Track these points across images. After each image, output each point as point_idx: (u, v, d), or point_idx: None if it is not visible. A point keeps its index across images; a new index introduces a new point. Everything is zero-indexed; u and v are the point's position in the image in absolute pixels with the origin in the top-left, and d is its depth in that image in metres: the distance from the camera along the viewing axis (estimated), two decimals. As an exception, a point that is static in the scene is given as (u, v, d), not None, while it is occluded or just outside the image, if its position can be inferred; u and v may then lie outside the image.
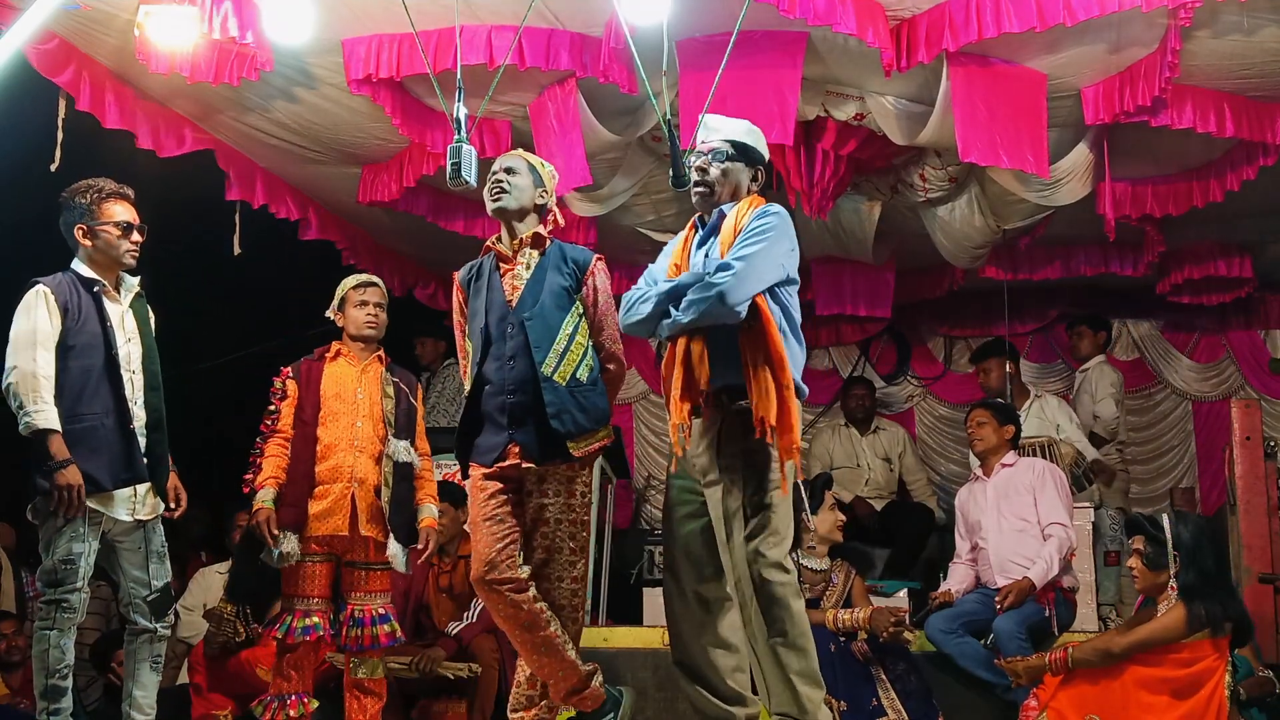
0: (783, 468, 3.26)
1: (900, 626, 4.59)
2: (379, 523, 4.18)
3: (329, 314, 4.42)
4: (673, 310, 3.35)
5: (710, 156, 3.55)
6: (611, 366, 3.68)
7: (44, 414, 3.68)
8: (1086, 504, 5.77)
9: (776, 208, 3.45)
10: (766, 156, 3.64)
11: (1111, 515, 6.23)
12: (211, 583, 6.03)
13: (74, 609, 3.74)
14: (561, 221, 3.84)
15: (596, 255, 3.69)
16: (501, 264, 3.65)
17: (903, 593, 5.62)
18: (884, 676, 4.54)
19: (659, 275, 3.54)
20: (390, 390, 4.31)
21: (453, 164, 3.59)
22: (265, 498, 4.09)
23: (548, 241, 3.67)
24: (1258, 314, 7.65)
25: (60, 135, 4.67)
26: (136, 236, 4.02)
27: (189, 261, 5.44)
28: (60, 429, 3.68)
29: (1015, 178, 5.31)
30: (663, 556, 3.64)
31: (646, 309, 3.40)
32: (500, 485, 3.51)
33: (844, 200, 6.18)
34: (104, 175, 4.08)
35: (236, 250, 5.71)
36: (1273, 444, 4.97)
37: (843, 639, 4.65)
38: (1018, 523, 5.08)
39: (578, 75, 4.79)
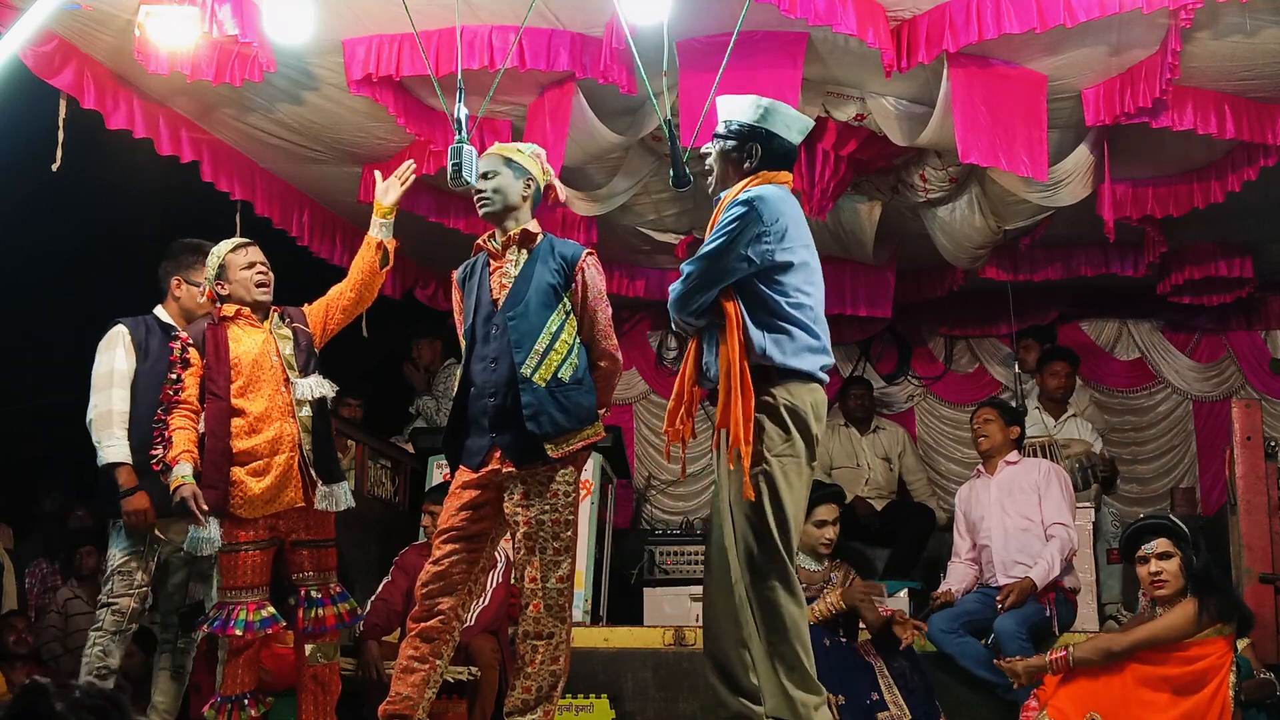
0: (747, 470, 3.21)
1: (872, 592, 4.59)
2: None
3: (203, 290, 4.08)
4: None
5: (712, 140, 3.56)
6: (603, 363, 3.60)
7: (115, 448, 4.08)
8: (1087, 504, 5.77)
9: (754, 192, 3.33)
10: (767, 129, 3.43)
11: (1113, 514, 6.24)
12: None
13: (122, 613, 4.08)
14: (564, 196, 3.77)
15: (588, 250, 3.60)
16: (492, 262, 3.63)
17: (903, 593, 5.63)
18: (886, 671, 4.54)
19: None
20: (286, 332, 4.01)
21: (453, 164, 3.59)
22: (184, 473, 3.74)
23: (539, 237, 3.61)
24: (1258, 314, 7.66)
25: (61, 135, 4.67)
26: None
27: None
28: (130, 461, 4.07)
29: (1016, 179, 5.31)
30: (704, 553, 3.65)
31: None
32: (476, 494, 3.51)
33: (844, 200, 6.18)
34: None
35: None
36: (1273, 444, 4.96)
37: (843, 638, 4.65)
38: (1022, 521, 5.08)
39: (577, 76, 4.79)
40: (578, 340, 3.53)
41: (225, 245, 4.04)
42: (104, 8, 4.44)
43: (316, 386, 3.97)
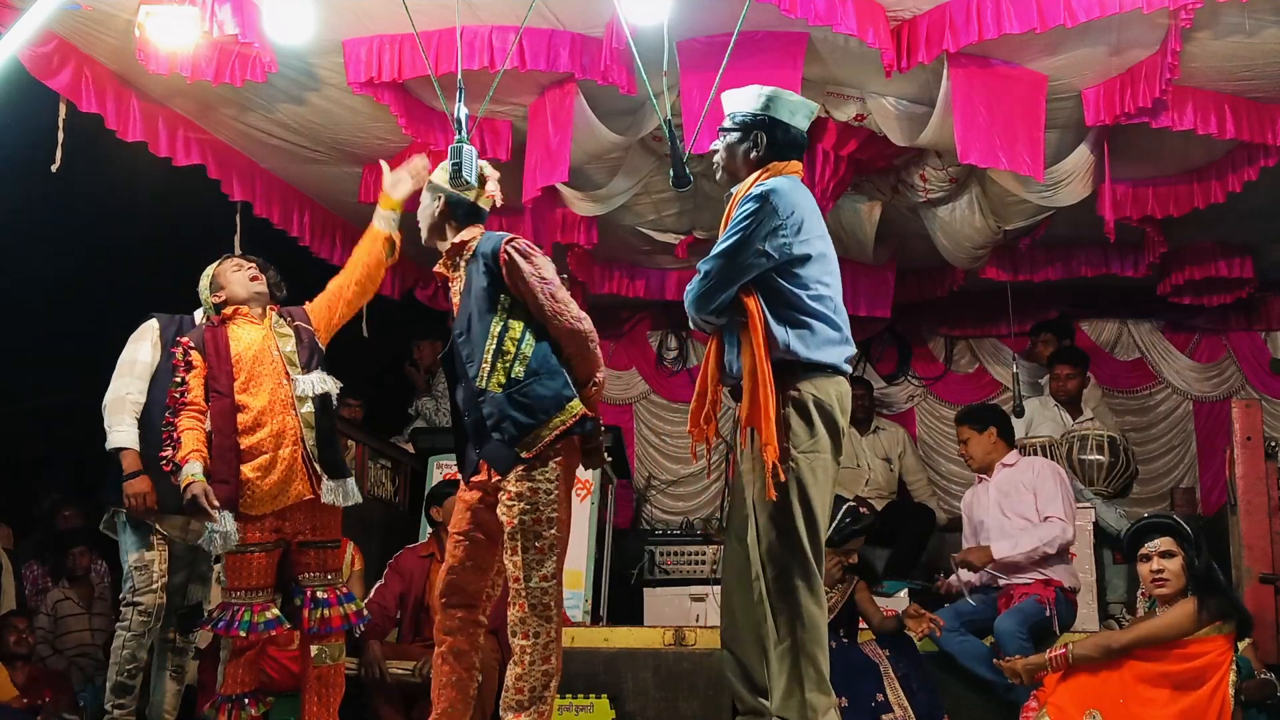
0: (767, 465, 3.19)
1: (844, 560, 4.62)
2: None
3: (207, 303, 4.10)
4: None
5: (719, 137, 3.54)
6: (564, 343, 3.46)
7: (123, 434, 4.12)
8: (1088, 505, 5.77)
9: (767, 186, 3.32)
10: (771, 116, 3.42)
11: (1120, 514, 6.22)
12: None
13: (147, 611, 4.15)
14: (499, 201, 3.71)
15: (508, 237, 3.49)
16: (450, 285, 3.64)
17: (903, 593, 5.63)
18: (891, 673, 4.54)
19: None
20: (287, 330, 4.04)
21: (454, 164, 3.58)
22: (194, 471, 3.75)
23: (470, 244, 3.56)
24: (1259, 314, 7.65)
25: (61, 136, 4.67)
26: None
27: (191, 261, 5.48)
28: (136, 447, 4.11)
29: (1015, 179, 5.32)
30: (723, 545, 3.63)
31: None
32: (477, 494, 3.54)
33: (844, 200, 6.18)
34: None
35: (238, 251, 5.70)
36: (1273, 444, 4.95)
37: (844, 639, 4.65)
38: (1020, 521, 5.07)
39: (577, 77, 4.79)
40: (526, 333, 3.45)
41: (215, 264, 4.14)
42: (104, 8, 4.44)
43: (319, 383, 3.98)
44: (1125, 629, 4.17)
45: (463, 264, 3.56)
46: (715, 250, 3.32)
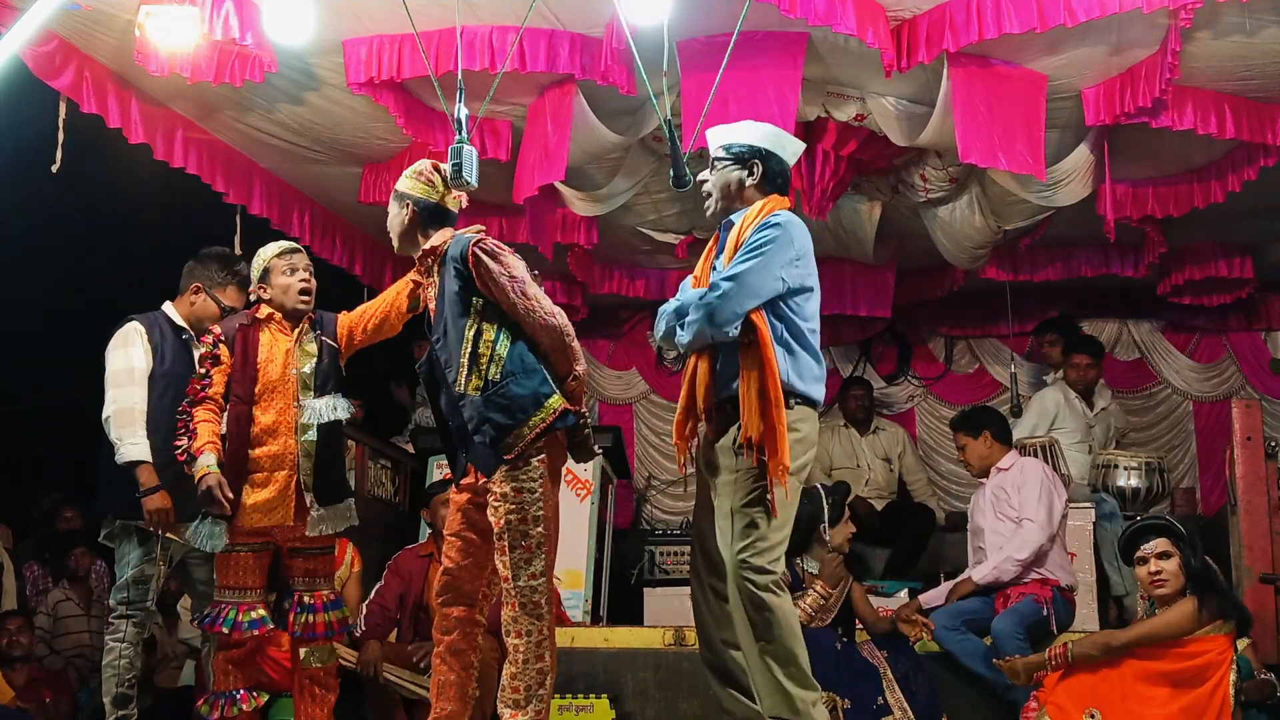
0: (771, 483, 3.29)
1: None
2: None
3: (254, 281, 4.06)
4: (678, 329, 3.46)
5: (708, 170, 3.65)
6: (540, 339, 3.44)
7: (136, 446, 4.06)
8: (1088, 504, 5.76)
9: (783, 216, 3.45)
10: (766, 148, 3.57)
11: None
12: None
13: (142, 625, 4.17)
14: (464, 203, 3.69)
15: (476, 238, 3.45)
16: (428, 290, 3.64)
17: (903, 593, 5.63)
18: (890, 675, 4.54)
19: (685, 286, 3.60)
20: (312, 348, 3.97)
21: (454, 165, 3.58)
22: (209, 463, 3.76)
23: (442, 249, 3.54)
24: (1258, 314, 7.66)
25: (61, 136, 4.67)
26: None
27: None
28: (151, 460, 4.04)
29: (1015, 179, 5.32)
30: (689, 557, 3.69)
31: (661, 327, 3.55)
32: (468, 496, 3.55)
33: (844, 200, 6.18)
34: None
35: (238, 251, 5.71)
36: (1274, 444, 4.96)
37: (845, 638, 4.65)
38: (1010, 526, 5.06)
39: (577, 77, 4.79)
40: (500, 334, 3.43)
41: (271, 249, 4.05)
42: (104, 8, 4.44)
43: (327, 411, 3.94)
44: (1125, 628, 4.18)
45: (436, 269, 3.56)
46: (734, 269, 3.38)
